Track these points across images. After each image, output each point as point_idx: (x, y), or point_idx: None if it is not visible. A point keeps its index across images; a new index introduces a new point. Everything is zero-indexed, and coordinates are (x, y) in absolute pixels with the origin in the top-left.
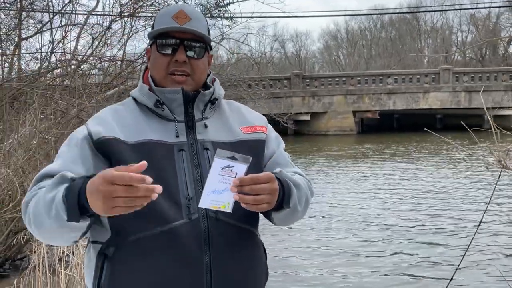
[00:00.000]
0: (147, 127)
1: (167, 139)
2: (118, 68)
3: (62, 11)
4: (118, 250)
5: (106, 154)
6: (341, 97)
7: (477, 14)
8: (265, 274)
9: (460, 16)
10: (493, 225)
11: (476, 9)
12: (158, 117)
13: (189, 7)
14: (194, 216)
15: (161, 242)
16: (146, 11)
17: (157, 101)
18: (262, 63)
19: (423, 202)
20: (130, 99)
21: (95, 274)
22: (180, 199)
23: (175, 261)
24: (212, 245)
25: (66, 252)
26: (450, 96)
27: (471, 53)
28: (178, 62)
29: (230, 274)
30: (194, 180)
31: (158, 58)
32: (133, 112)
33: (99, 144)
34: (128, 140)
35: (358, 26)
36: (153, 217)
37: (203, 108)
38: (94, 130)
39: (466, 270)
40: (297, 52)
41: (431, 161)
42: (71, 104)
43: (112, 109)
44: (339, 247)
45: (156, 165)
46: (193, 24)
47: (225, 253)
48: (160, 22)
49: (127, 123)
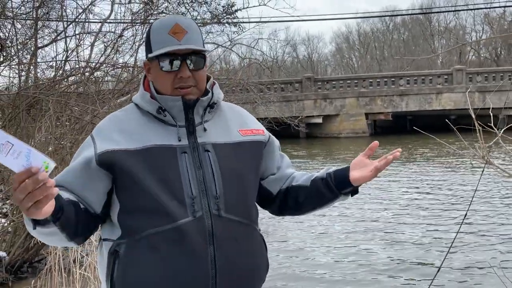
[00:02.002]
0: (150, 132)
1: (170, 143)
2: (130, 75)
3: (77, 20)
4: (129, 246)
5: (111, 168)
6: (353, 100)
7: (491, 14)
8: (265, 266)
9: (474, 16)
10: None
11: (490, 8)
12: (160, 122)
13: (183, 19)
14: (199, 213)
15: (169, 238)
16: (157, 18)
17: (159, 107)
18: (274, 67)
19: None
20: (132, 105)
21: (108, 270)
22: (185, 198)
23: (182, 256)
24: (216, 240)
25: (80, 253)
26: (464, 97)
27: (486, 52)
28: (183, 78)
29: (233, 266)
30: (197, 180)
31: (163, 76)
32: (135, 118)
33: (104, 161)
34: (132, 147)
35: (370, 28)
36: (162, 216)
37: (202, 112)
38: (99, 147)
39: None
40: (309, 55)
41: (446, 163)
42: (85, 110)
43: (114, 118)
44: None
45: (161, 168)
46: (190, 36)
47: (228, 247)
48: (158, 39)
49: (130, 130)
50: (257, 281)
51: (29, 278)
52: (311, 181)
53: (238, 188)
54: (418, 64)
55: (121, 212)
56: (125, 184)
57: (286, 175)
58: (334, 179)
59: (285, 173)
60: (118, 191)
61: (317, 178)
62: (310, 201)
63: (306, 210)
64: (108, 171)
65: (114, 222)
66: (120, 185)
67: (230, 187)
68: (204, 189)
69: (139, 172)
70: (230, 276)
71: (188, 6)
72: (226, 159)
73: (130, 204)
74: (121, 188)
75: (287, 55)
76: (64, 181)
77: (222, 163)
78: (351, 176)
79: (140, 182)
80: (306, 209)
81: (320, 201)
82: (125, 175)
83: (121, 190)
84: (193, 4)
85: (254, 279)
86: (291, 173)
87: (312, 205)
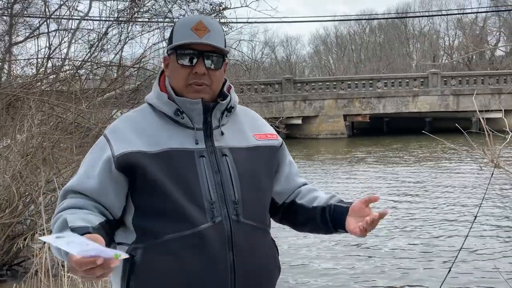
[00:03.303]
0: (166, 134)
1: (187, 146)
2: (115, 73)
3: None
4: (146, 251)
5: (129, 170)
6: (332, 101)
7: (464, 19)
8: (278, 269)
9: (447, 21)
10: (489, 221)
11: (463, 14)
12: (176, 124)
13: (208, 19)
14: (218, 219)
15: (189, 244)
16: (142, 17)
17: (177, 110)
18: (253, 68)
19: (418, 202)
20: (146, 105)
21: (123, 275)
22: (204, 203)
23: (203, 262)
24: (235, 245)
25: None
26: (439, 100)
27: (458, 57)
28: (198, 74)
29: (251, 272)
30: (216, 185)
31: (178, 69)
32: (151, 120)
33: (122, 163)
34: (149, 150)
35: (347, 31)
36: (181, 220)
37: (220, 116)
38: (116, 149)
39: (462, 265)
40: (288, 56)
41: (423, 163)
42: (68, 109)
43: (129, 119)
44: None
45: (179, 171)
46: (212, 35)
47: (246, 252)
48: (180, 33)
49: (146, 133)
50: (272, 285)
51: (8, 282)
52: (312, 206)
53: (255, 193)
54: (394, 67)
55: (137, 216)
56: (143, 187)
57: (293, 187)
58: (332, 215)
59: (293, 184)
60: (134, 194)
61: (318, 206)
62: (308, 225)
63: (303, 231)
64: (127, 174)
65: (128, 225)
66: (138, 188)
67: (248, 192)
68: (222, 194)
69: (159, 175)
70: (248, 281)
71: (174, 3)
72: (243, 163)
73: (148, 207)
74: (138, 191)
75: (265, 56)
76: (83, 188)
77: (239, 168)
78: (346, 223)
79: (160, 185)
80: (304, 230)
81: (316, 230)
82: (145, 178)
83: (138, 193)
84: (181, 2)
85: (270, 284)
86: (298, 184)
87: (309, 229)
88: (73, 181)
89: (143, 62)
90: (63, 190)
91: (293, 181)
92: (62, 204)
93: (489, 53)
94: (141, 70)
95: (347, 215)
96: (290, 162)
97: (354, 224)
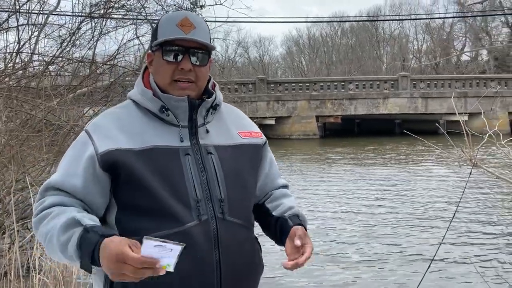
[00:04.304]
0: (151, 131)
1: (172, 144)
2: (88, 70)
3: (23, 10)
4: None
5: (113, 168)
6: (304, 102)
7: (431, 24)
8: (261, 266)
9: (416, 26)
10: (466, 221)
11: (430, 19)
12: (161, 122)
13: (193, 15)
14: (204, 217)
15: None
16: (117, 12)
17: (162, 107)
18: (227, 67)
19: (393, 202)
20: (129, 102)
21: (107, 275)
22: (190, 201)
23: (189, 260)
24: (221, 243)
25: (40, 256)
26: (408, 102)
27: (426, 60)
28: (184, 70)
29: (237, 270)
30: (201, 183)
31: (163, 66)
32: (135, 117)
33: (106, 162)
34: (134, 147)
35: (320, 33)
36: (167, 219)
37: (205, 113)
38: (99, 146)
39: (441, 263)
40: (261, 57)
41: (396, 164)
42: (37, 106)
43: (113, 115)
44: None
45: (164, 169)
46: (198, 32)
47: (232, 250)
48: (165, 29)
49: (131, 130)
50: (257, 283)
51: None
52: (272, 214)
53: (241, 191)
54: (365, 70)
55: (120, 214)
56: (128, 185)
57: (269, 188)
58: (280, 229)
59: (270, 185)
60: (117, 192)
61: (275, 216)
62: (265, 231)
63: (266, 235)
64: (111, 172)
65: (110, 224)
66: (122, 185)
67: (233, 191)
68: (208, 192)
69: (144, 173)
70: (234, 278)
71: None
72: (228, 161)
73: (133, 205)
74: (122, 189)
75: (239, 56)
76: (66, 186)
77: (224, 166)
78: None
79: (145, 183)
80: (267, 235)
81: (272, 238)
82: (130, 176)
83: (122, 191)
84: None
85: (255, 281)
86: (275, 186)
87: (268, 235)
88: (55, 177)
89: (117, 59)
90: (44, 187)
91: (271, 181)
92: (45, 202)
93: (455, 58)
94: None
95: (288, 236)
96: (271, 161)
97: (289, 249)
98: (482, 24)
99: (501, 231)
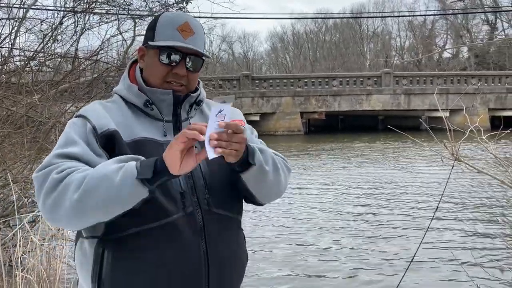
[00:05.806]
0: (138, 125)
1: (156, 138)
2: (70, 65)
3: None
4: (119, 243)
5: (108, 147)
6: (289, 98)
7: (414, 21)
8: (246, 257)
9: (399, 23)
10: (448, 215)
11: (413, 16)
12: (146, 116)
13: (194, 20)
14: (189, 209)
15: (162, 234)
16: (100, 7)
17: (147, 101)
18: (211, 63)
19: (376, 198)
20: (117, 96)
21: (94, 269)
22: (175, 194)
23: (176, 251)
24: (207, 235)
25: (23, 254)
26: (391, 98)
27: (409, 57)
28: (178, 74)
29: (224, 261)
30: (185, 176)
31: (158, 66)
32: (123, 110)
33: (103, 138)
34: (124, 138)
35: (304, 29)
36: (153, 211)
37: (189, 108)
38: (97, 123)
39: (422, 263)
40: (245, 53)
41: (379, 160)
42: (19, 102)
43: (103, 105)
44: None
45: None
46: (196, 38)
47: (218, 241)
48: (165, 31)
49: (119, 121)
50: (243, 273)
51: None
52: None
53: (225, 182)
54: (349, 66)
55: None
56: None
57: None
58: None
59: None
60: None
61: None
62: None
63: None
64: (106, 151)
65: None
66: None
67: (218, 182)
68: (193, 184)
69: None
70: (221, 270)
71: None
72: None
73: None
74: None
75: (223, 52)
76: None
77: (208, 159)
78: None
79: None
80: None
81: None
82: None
83: None
84: None
85: (241, 272)
86: None
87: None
88: (54, 152)
89: (100, 54)
90: (44, 163)
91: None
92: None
93: (437, 55)
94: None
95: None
96: (251, 131)
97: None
98: (463, 22)
99: (484, 228)
